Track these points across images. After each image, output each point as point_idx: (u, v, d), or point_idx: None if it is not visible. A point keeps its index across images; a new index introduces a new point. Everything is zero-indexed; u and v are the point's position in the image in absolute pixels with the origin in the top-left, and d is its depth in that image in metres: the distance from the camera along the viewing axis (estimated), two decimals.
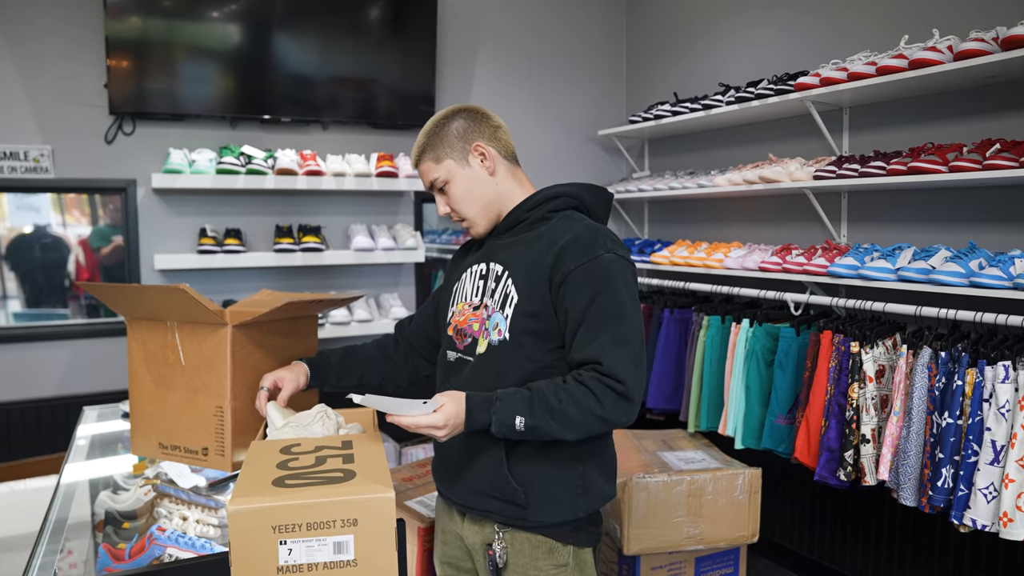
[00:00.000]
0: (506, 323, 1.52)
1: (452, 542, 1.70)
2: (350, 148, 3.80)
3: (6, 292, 3.38)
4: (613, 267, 1.48)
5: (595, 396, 1.41)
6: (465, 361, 1.59)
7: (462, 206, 1.61)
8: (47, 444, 3.30)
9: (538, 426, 1.41)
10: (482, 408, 1.42)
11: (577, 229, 1.52)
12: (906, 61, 2.56)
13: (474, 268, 1.65)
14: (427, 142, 1.61)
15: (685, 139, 4.07)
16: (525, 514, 1.53)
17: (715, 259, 3.37)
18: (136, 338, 1.82)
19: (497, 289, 1.57)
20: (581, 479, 1.55)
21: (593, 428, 1.44)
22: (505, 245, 1.61)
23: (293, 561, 1.13)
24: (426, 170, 1.62)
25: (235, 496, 1.13)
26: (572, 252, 1.48)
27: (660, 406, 3.46)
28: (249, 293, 3.49)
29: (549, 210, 1.59)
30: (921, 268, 2.47)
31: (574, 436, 1.44)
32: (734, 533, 2.66)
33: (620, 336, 1.44)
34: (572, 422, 1.42)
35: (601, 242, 1.49)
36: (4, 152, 3.19)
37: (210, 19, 3.40)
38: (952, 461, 2.25)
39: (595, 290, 1.45)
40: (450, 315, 1.67)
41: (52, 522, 1.74)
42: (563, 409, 1.41)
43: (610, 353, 1.42)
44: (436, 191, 1.64)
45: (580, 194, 1.63)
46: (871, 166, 2.70)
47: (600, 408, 1.41)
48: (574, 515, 1.55)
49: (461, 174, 1.59)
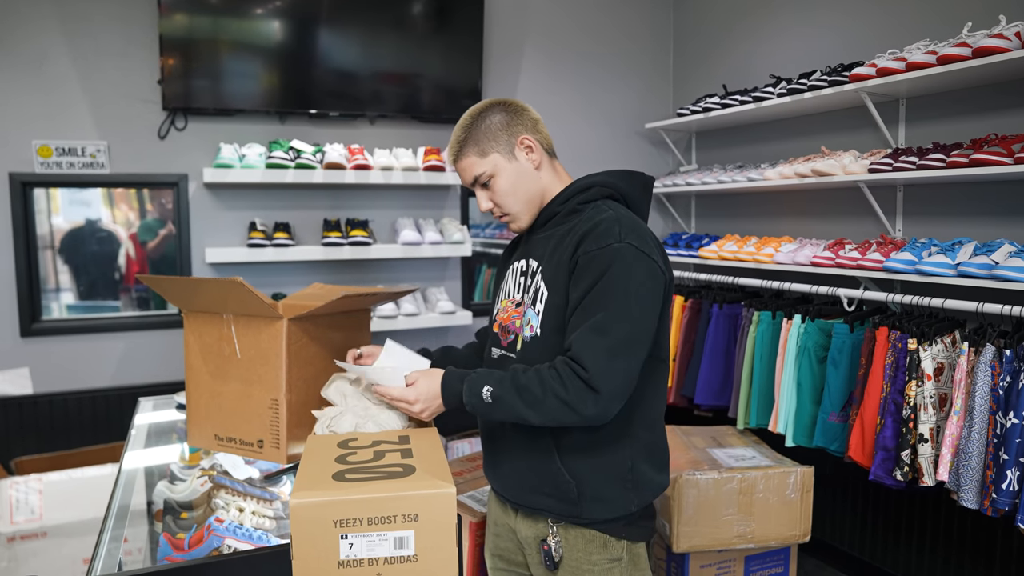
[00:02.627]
0: (538, 319, 1.52)
1: (504, 535, 1.70)
2: (397, 142, 3.82)
3: (59, 285, 3.47)
4: (622, 256, 1.42)
5: (561, 379, 1.38)
6: (508, 358, 1.59)
7: (507, 201, 1.58)
8: (102, 433, 3.38)
9: (503, 398, 1.41)
10: (456, 379, 1.47)
11: (599, 218, 1.48)
12: (970, 49, 2.47)
13: (516, 265, 1.66)
14: (467, 136, 1.57)
15: (733, 132, 4.01)
16: (578, 510, 1.52)
17: (765, 254, 3.32)
18: (192, 331, 1.85)
19: (531, 285, 1.56)
20: (630, 472, 1.53)
21: (558, 413, 1.39)
22: (540, 240, 1.61)
23: (354, 555, 1.13)
24: (469, 165, 1.58)
25: (296, 490, 1.14)
26: (588, 240, 1.45)
27: (708, 402, 3.42)
28: (297, 286, 3.54)
29: (581, 201, 1.56)
30: (983, 263, 2.40)
31: (539, 418, 1.41)
32: (785, 532, 2.61)
33: (601, 323, 1.39)
34: (536, 401, 1.39)
35: (616, 231, 1.44)
36: (63, 148, 3.27)
37: (258, 16, 3.45)
38: (1018, 463, 2.18)
39: (595, 278, 1.41)
40: (495, 312, 1.68)
41: (115, 509, 1.77)
42: (528, 387, 1.39)
43: (582, 338, 1.39)
44: (479, 186, 1.60)
45: (613, 182, 1.58)
46: (930, 158, 2.62)
47: (564, 392, 1.37)
48: (626, 510, 1.53)
49: (507, 168, 1.57)
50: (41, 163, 3.24)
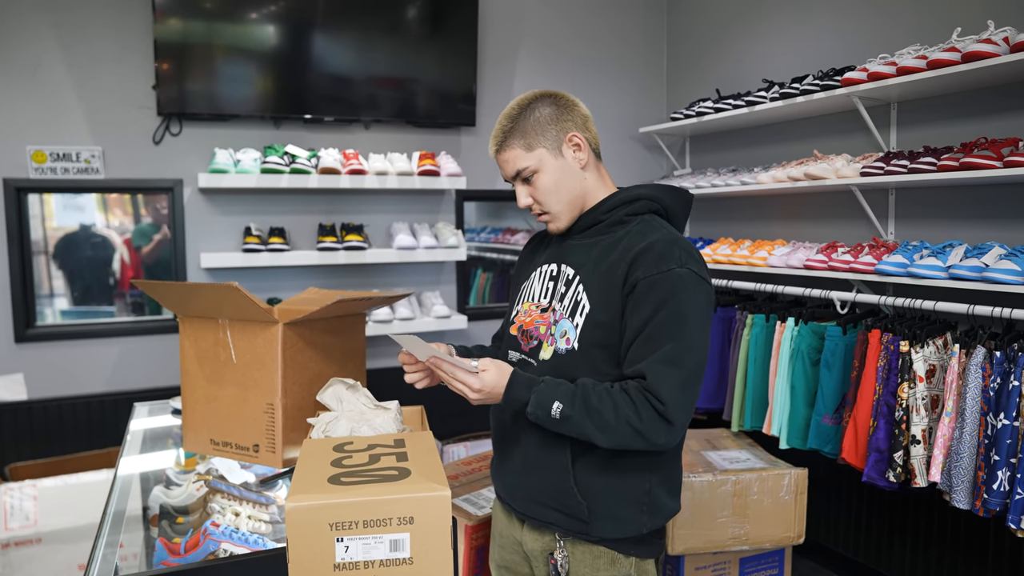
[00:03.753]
0: (576, 332, 1.46)
1: (510, 547, 1.67)
2: (392, 147, 3.83)
3: (53, 290, 3.47)
4: (684, 283, 1.38)
5: (635, 407, 1.35)
6: (528, 363, 1.55)
7: (548, 199, 1.51)
8: (97, 439, 3.38)
9: (573, 417, 1.36)
10: (524, 385, 1.39)
11: (654, 237, 1.43)
12: (959, 54, 2.50)
13: (544, 268, 1.59)
14: (514, 127, 1.49)
15: (727, 136, 4.03)
16: (588, 528, 1.49)
17: (759, 257, 3.33)
18: (188, 336, 1.86)
19: (567, 294, 1.50)
20: (647, 496, 1.49)
21: (628, 440, 1.36)
22: (579, 247, 1.54)
23: (350, 558, 1.13)
24: (512, 158, 1.50)
25: (292, 494, 1.14)
26: (645, 261, 1.40)
27: (703, 405, 3.44)
28: (293, 291, 3.55)
29: (628, 213, 1.51)
30: (974, 266, 2.42)
31: (608, 442, 1.37)
32: (780, 534, 2.62)
33: (672, 355, 1.35)
34: (607, 426, 1.35)
35: (676, 255, 1.40)
36: (57, 154, 3.27)
37: (253, 21, 3.45)
38: (1009, 463, 2.20)
39: (659, 304, 1.37)
40: (515, 313, 1.62)
41: (111, 515, 1.77)
42: (601, 410, 1.35)
43: (657, 370, 1.35)
44: (519, 181, 1.53)
45: (661, 197, 1.54)
46: (921, 162, 2.64)
47: (638, 421, 1.34)
48: (637, 532, 1.49)
49: (553, 165, 1.50)
50: (36, 169, 3.24)
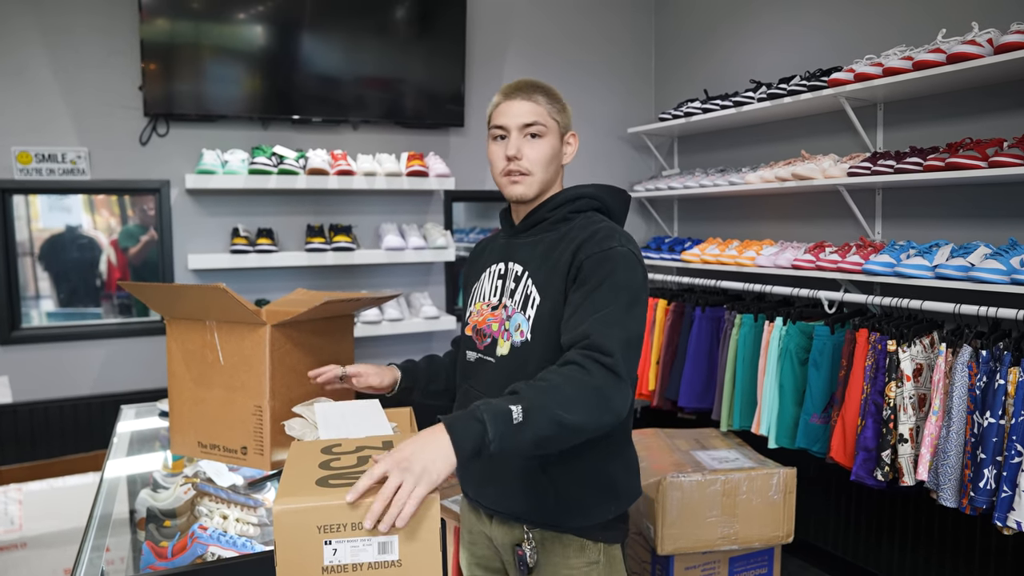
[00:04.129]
0: (528, 324, 1.51)
1: (480, 542, 1.70)
2: (380, 148, 3.82)
3: (39, 292, 3.44)
4: (626, 260, 1.45)
5: (583, 369, 1.29)
6: (485, 362, 1.59)
7: (536, 163, 1.57)
8: (84, 442, 3.35)
9: (533, 409, 1.22)
10: (466, 417, 1.20)
11: (596, 227, 1.52)
12: (944, 55, 2.52)
13: (492, 268, 1.66)
14: (549, 93, 1.61)
15: (715, 136, 4.04)
16: (556, 520, 1.52)
17: (747, 257, 3.35)
18: (175, 338, 1.84)
19: (517, 289, 1.56)
20: (609, 481, 1.54)
21: (591, 403, 1.28)
22: (524, 244, 1.61)
23: (338, 561, 1.12)
24: (535, 110, 1.57)
25: (280, 496, 1.13)
26: (588, 245, 1.47)
27: (692, 405, 3.44)
28: (281, 292, 3.53)
29: (571, 211, 1.59)
30: (960, 265, 2.43)
31: (574, 417, 1.25)
32: (769, 533, 2.63)
33: (615, 317, 1.37)
34: (565, 396, 1.25)
35: (616, 237, 1.48)
36: (43, 155, 3.24)
37: (241, 21, 3.43)
38: (995, 462, 2.21)
39: (603, 276, 1.42)
40: (468, 315, 1.68)
41: (97, 518, 1.76)
42: (553, 388, 1.26)
43: (600, 329, 1.35)
44: (522, 130, 1.56)
45: (601, 195, 1.62)
46: (907, 162, 2.66)
47: (590, 377, 1.28)
48: (603, 518, 1.55)
49: (555, 143, 1.59)
50: (20, 169, 3.21)
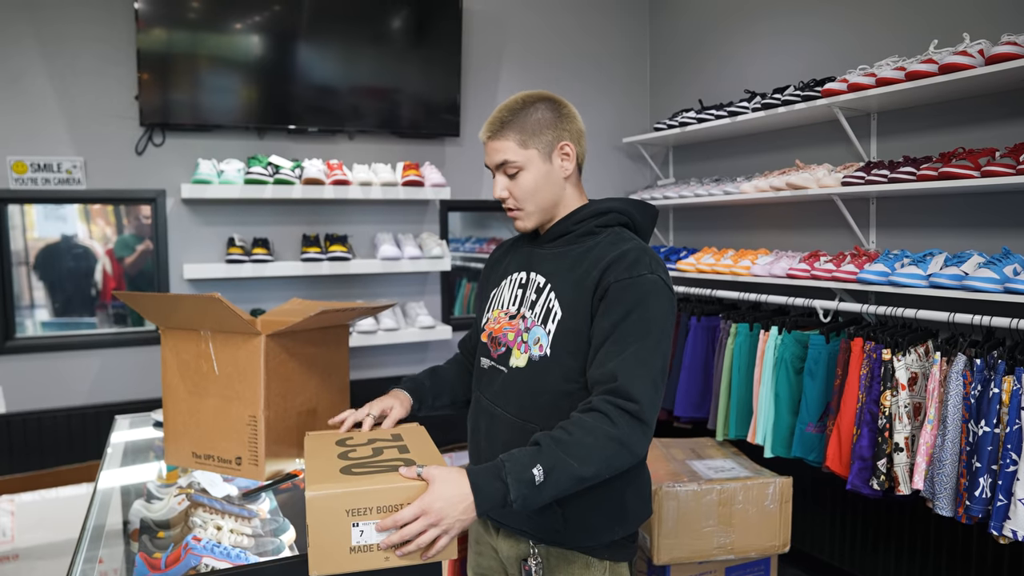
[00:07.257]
0: (548, 339, 1.47)
1: (486, 553, 1.69)
2: (376, 157, 3.83)
3: (34, 301, 3.43)
4: (653, 288, 1.41)
5: (607, 419, 1.31)
6: (498, 370, 1.57)
7: (525, 198, 1.53)
8: (78, 452, 3.34)
9: (555, 467, 1.26)
10: (490, 475, 1.26)
11: (626, 247, 1.47)
12: (936, 66, 2.53)
13: (514, 276, 1.62)
14: (513, 120, 1.51)
15: (710, 146, 4.06)
16: (562, 537, 1.50)
17: (742, 266, 3.35)
18: (170, 347, 1.84)
19: (538, 302, 1.52)
20: (619, 506, 1.51)
21: (611, 454, 1.32)
22: (548, 256, 1.57)
23: (364, 542, 1.22)
24: (503, 148, 1.51)
25: (310, 483, 1.23)
26: (616, 268, 1.43)
27: (688, 414, 3.44)
28: (277, 302, 3.53)
29: (598, 225, 1.54)
30: (954, 274, 2.44)
31: (593, 469, 1.30)
32: (765, 543, 2.63)
33: (643, 355, 1.36)
34: (587, 451, 1.29)
35: (646, 262, 1.44)
36: (38, 164, 3.24)
37: (237, 31, 3.44)
38: (990, 470, 2.22)
39: (629, 307, 1.39)
40: (484, 321, 1.65)
41: (90, 529, 1.75)
42: (575, 442, 1.29)
43: (629, 369, 1.34)
44: (501, 171, 1.53)
45: (630, 210, 1.58)
46: (901, 172, 2.67)
47: (614, 428, 1.31)
48: (610, 538, 1.52)
49: (539, 168, 1.52)
50: (16, 179, 3.21)
